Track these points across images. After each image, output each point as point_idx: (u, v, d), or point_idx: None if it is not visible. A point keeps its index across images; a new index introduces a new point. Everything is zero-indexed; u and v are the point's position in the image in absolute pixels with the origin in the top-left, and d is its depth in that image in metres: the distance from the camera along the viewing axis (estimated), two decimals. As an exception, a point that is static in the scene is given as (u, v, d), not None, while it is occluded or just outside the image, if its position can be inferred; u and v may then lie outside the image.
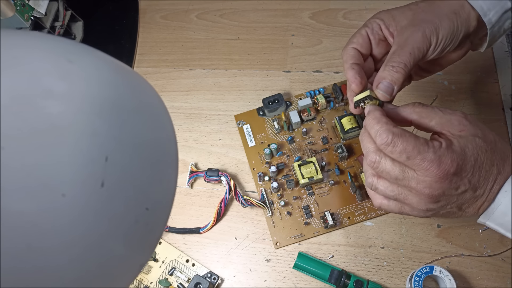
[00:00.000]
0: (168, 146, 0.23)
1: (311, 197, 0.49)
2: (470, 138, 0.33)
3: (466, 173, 0.33)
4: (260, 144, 0.52)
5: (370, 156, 0.35)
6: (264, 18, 0.62)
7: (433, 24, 0.37)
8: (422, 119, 0.36)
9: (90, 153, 0.17)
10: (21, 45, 0.19)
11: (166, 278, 0.46)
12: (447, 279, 0.41)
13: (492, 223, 0.35)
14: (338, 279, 0.43)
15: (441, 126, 0.35)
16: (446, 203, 0.34)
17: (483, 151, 0.33)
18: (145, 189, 0.20)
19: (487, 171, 0.33)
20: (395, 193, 0.35)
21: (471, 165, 0.33)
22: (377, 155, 0.35)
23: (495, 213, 0.34)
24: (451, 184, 0.33)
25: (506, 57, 0.55)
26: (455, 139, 0.33)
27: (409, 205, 0.35)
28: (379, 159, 0.34)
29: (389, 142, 0.33)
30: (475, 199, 0.34)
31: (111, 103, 0.19)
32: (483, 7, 0.37)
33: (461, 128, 0.34)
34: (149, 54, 0.61)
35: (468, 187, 0.33)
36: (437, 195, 0.33)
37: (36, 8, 0.52)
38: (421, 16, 0.38)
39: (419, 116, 0.36)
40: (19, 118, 0.16)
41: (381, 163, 0.34)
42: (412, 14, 0.39)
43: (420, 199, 0.34)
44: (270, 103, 0.53)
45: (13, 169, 0.15)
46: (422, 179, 0.33)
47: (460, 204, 0.34)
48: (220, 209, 0.48)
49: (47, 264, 0.16)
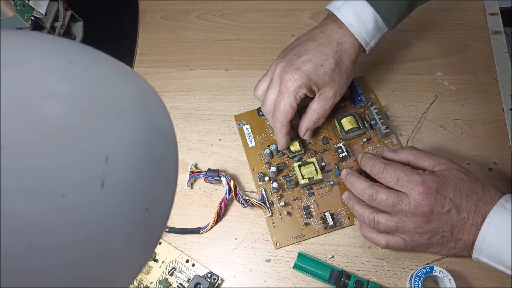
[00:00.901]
0: (168, 147, 0.23)
1: (311, 197, 0.49)
2: (452, 171, 0.40)
3: (447, 193, 0.39)
4: (260, 144, 0.52)
5: (366, 192, 0.41)
6: (264, 18, 0.62)
7: (335, 89, 0.46)
8: (418, 160, 0.43)
9: (90, 153, 0.17)
10: (21, 45, 0.19)
11: (166, 278, 0.46)
12: (447, 279, 0.41)
13: (483, 257, 0.39)
14: (338, 279, 0.43)
15: (432, 166, 0.42)
16: (438, 225, 0.39)
17: (463, 179, 0.40)
18: (145, 189, 0.20)
19: (468, 195, 0.39)
20: (395, 222, 0.40)
21: (451, 187, 0.39)
22: (372, 189, 0.41)
23: (483, 246, 0.38)
24: (436, 202, 0.38)
25: (506, 57, 0.55)
26: (439, 171, 0.41)
27: (408, 232, 0.40)
28: (376, 191, 0.41)
29: (383, 170, 0.41)
30: (463, 222, 0.39)
31: (111, 103, 0.19)
32: (366, 39, 0.46)
33: (448, 166, 0.41)
34: (149, 54, 0.61)
35: (452, 206, 0.39)
36: (427, 213, 0.38)
37: (36, 8, 0.52)
38: (325, 79, 0.45)
39: (415, 158, 0.43)
40: (19, 118, 0.16)
41: (378, 194, 0.41)
42: (321, 76, 0.45)
43: (415, 221, 0.39)
44: (270, 103, 0.53)
45: (13, 169, 0.15)
46: (412, 199, 0.39)
47: (451, 227, 0.39)
48: (220, 209, 0.48)
49: (47, 264, 0.16)
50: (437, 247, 0.41)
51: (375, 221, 0.41)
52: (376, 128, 0.51)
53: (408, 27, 0.58)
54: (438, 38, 0.57)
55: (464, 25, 0.58)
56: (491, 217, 0.38)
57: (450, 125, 0.51)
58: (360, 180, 0.43)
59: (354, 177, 0.44)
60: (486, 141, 0.50)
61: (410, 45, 0.57)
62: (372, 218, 0.41)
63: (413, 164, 0.43)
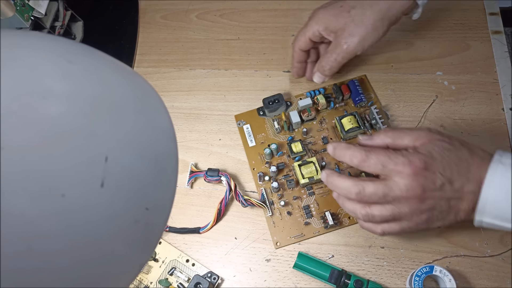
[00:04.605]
0: (168, 146, 0.23)
1: (311, 197, 0.49)
2: (436, 143, 0.38)
3: (436, 168, 0.37)
4: (260, 144, 0.52)
5: (353, 189, 0.39)
6: (264, 18, 0.62)
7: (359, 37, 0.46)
8: (396, 141, 0.41)
9: (90, 153, 0.17)
10: (21, 45, 0.19)
11: (166, 278, 0.46)
12: (447, 279, 0.41)
13: (488, 218, 0.37)
14: (338, 279, 0.43)
15: (413, 142, 0.39)
16: (434, 202, 0.37)
17: (448, 149, 0.38)
18: (145, 189, 0.20)
19: (457, 165, 0.37)
20: (390, 211, 0.38)
21: (439, 161, 0.37)
22: (358, 186, 0.39)
23: (487, 206, 0.36)
24: (427, 180, 0.37)
25: (506, 57, 0.55)
26: (422, 146, 0.39)
27: (404, 216, 0.38)
28: (362, 187, 0.38)
29: (365, 158, 0.39)
30: (459, 193, 0.37)
31: (111, 103, 0.19)
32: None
33: (429, 138, 0.39)
34: (149, 54, 0.61)
35: (443, 180, 0.37)
36: (420, 194, 0.37)
37: (36, 8, 0.52)
38: (351, 28, 0.46)
39: (392, 139, 0.41)
40: (19, 118, 0.16)
41: (365, 189, 0.38)
42: (343, 23, 0.46)
43: (410, 205, 0.37)
44: (270, 103, 0.53)
45: (13, 169, 0.15)
46: (402, 183, 0.37)
47: (448, 201, 0.38)
48: (220, 209, 0.48)
49: (47, 264, 0.16)
50: (437, 222, 0.39)
51: (369, 215, 0.39)
52: (377, 128, 0.51)
53: (408, 27, 0.58)
54: (438, 38, 0.57)
55: (464, 25, 0.58)
56: (491, 175, 0.36)
57: (450, 124, 0.51)
58: (341, 179, 0.40)
59: (335, 177, 0.41)
60: (486, 141, 0.50)
61: (410, 45, 0.57)
62: (365, 213, 0.39)
63: (392, 146, 0.41)
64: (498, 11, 0.58)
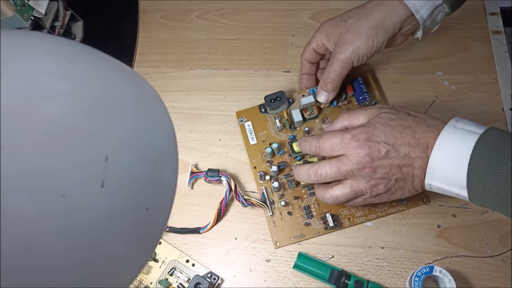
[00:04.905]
0: (168, 146, 0.23)
1: (312, 197, 0.49)
2: (381, 115, 0.41)
3: (379, 137, 0.39)
4: (262, 142, 0.52)
5: (310, 172, 0.42)
6: (264, 18, 0.62)
7: (353, 46, 0.46)
8: (352, 121, 0.43)
9: (90, 153, 0.17)
10: (21, 45, 0.19)
11: (166, 278, 0.46)
12: (447, 279, 0.41)
13: (436, 182, 0.38)
14: (338, 279, 0.43)
15: (366, 119, 0.42)
16: (385, 170, 0.39)
17: (392, 119, 0.40)
18: (145, 189, 0.20)
19: (400, 132, 0.39)
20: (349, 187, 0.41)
21: (381, 130, 0.39)
22: (314, 167, 0.42)
23: (435, 169, 0.37)
24: (371, 149, 0.39)
25: (506, 57, 0.55)
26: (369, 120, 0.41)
27: (364, 190, 0.40)
28: (318, 167, 0.41)
29: (318, 143, 0.42)
30: (407, 159, 0.39)
31: (111, 103, 0.19)
32: (415, 5, 0.45)
33: (378, 112, 0.41)
34: (149, 54, 0.61)
35: (388, 148, 0.39)
36: (369, 162, 0.39)
37: (36, 8, 0.52)
38: (345, 37, 0.47)
39: (349, 121, 0.43)
40: (19, 118, 0.16)
41: (320, 169, 0.41)
42: (340, 33, 0.47)
43: (363, 175, 0.40)
44: (272, 101, 0.52)
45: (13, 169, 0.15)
46: (351, 156, 0.39)
47: (399, 168, 0.39)
48: (220, 209, 0.48)
49: (48, 264, 0.16)
50: (398, 192, 0.41)
51: (333, 197, 0.42)
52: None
53: (408, 27, 0.58)
54: (438, 38, 0.57)
55: (464, 25, 0.58)
56: (443, 137, 0.37)
57: (450, 125, 0.51)
58: (301, 166, 0.43)
59: (298, 167, 0.44)
60: (486, 141, 0.50)
61: (410, 45, 0.57)
62: (329, 196, 0.42)
63: (350, 127, 0.43)
64: (498, 11, 0.58)
